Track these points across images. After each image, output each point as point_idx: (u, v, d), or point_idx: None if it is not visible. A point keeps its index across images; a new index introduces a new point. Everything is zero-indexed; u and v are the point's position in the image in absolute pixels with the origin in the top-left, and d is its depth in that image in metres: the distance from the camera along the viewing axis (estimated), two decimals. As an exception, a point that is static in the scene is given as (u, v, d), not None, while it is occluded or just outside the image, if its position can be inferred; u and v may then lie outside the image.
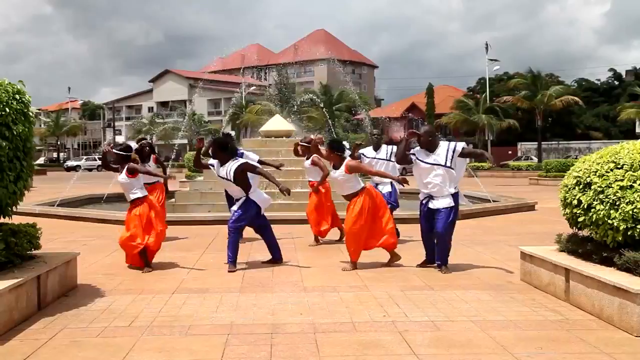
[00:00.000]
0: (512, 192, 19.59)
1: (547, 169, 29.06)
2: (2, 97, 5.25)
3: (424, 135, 7.20)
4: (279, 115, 18.50)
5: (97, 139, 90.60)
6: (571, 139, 56.92)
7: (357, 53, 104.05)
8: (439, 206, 7.09)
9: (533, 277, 6.40)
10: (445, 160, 7.08)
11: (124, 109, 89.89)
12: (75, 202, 16.67)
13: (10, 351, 4.42)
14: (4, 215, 5.59)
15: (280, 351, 4.39)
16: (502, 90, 56.85)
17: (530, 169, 38.59)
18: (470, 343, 4.54)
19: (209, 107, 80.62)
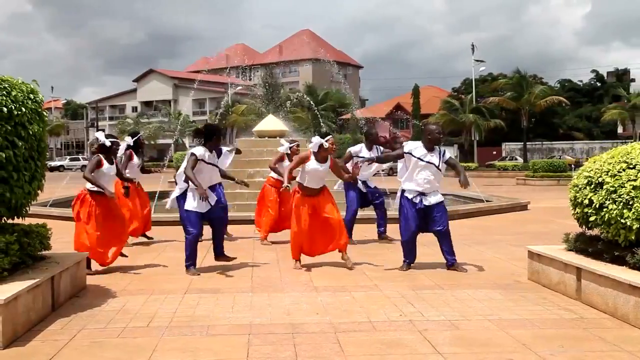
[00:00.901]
0: (501, 193, 19.76)
1: (534, 169, 29.32)
2: (17, 97, 5.21)
3: (437, 131, 7.40)
4: (272, 115, 18.48)
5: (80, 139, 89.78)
6: (554, 139, 57.47)
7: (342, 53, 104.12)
8: (434, 201, 7.28)
9: (541, 276, 6.48)
10: (438, 162, 7.30)
11: (108, 108, 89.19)
12: (67, 203, 16.49)
13: (33, 352, 4.40)
14: (19, 216, 5.54)
15: (304, 351, 4.41)
16: (486, 90, 57.28)
17: (517, 169, 38.94)
18: (491, 342, 4.59)
19: (193, 107, 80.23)
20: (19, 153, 5.18)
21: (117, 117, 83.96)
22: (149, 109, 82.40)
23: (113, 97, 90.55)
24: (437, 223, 7.28)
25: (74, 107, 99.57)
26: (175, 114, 69.59)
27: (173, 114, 69.38)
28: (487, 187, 23.56)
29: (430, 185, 7.26)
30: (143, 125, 67.15)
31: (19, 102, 5.21)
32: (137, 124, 68.21)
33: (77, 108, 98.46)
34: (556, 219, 13.10)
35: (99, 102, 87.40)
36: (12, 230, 5.45)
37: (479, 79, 61.29)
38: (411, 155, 7.26)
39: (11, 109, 5.09)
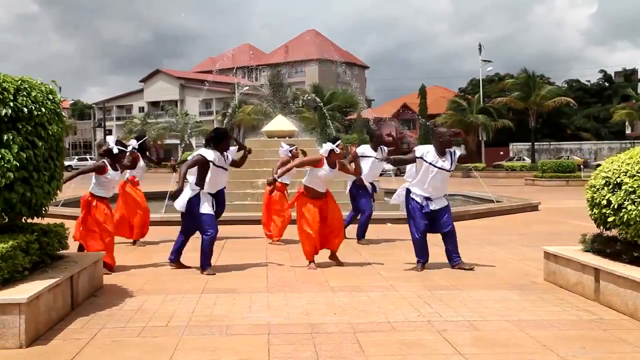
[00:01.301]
0: (511, 193, 19.71)
1: (542, 169, 29.23)
2: (37, 97, 5.24)
3: (449, 135, 7.36)
4: (282, 116, 18.50)
5: (88, 139, 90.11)
6: (561, 139, 57.32)
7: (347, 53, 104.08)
8: (438, 207, 7.34)
9: (558, 276, 6.47)
10: (450, 166, 7.31)
11: (114, 108, 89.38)
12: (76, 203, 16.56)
13: (56, 351, 4.42)
14: (38, 215, 5.57)
15: (325, 351, 4.41)
16: (493, 91, 57.15)
17: (525, 169, 38.83)
18: (511, 343, 4.58)
19: (200, 108, 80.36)
20: (39, 153, 5.21)
21: (124, 118, 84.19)
22: (156, 109, 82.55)
23: (120, 98, 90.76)
24: (443, 225, 7.35)
25: (81, 108, 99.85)
26: (182, 114, 69.70)
27: (180, 114, 69.50)
28: (496, 188, 23.49)
29: (438, 191, 7.32)
30: (150, 125, 67.33)
31: (38, 102, 5.24)
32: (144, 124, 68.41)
33: (84, 108, 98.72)
34: (567, 220, 13.09)
35: (106, 102, 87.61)
36: (31, 229, 5.48)
37: (485, 79, 61.18)
38: (423, 160, 7.26)
39: (31, 109, 5.12)
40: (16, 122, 5.03)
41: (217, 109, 75.35)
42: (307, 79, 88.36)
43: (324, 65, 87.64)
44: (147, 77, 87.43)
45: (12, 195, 4.97)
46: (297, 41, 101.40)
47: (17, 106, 5.01)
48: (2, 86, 4.95)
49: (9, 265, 4.75)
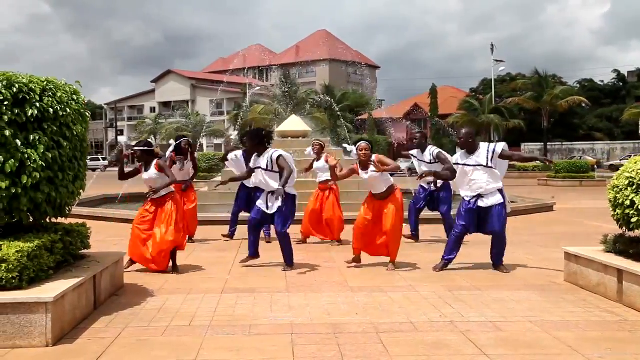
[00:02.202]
0: (524, 193, 19.60)
1: (556, 169, 29.05)
2: (62, 98, 5.28)
3: (465, 137, 7.29)
4: (295, 116, 18.53)
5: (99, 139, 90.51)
6: (573, 140, 57.00)
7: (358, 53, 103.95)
8: (490, 204, 7.21)
9: (579, 277, 6.43)
10: (486, 161, 7.19)
11: (126, 109, 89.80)
12: (91, 202, 16.67)
13: (82, 349, 4.45)
14: (62, 215, 5.61)
15: (349, 351, 4.42)
16: (505, 91, 56.93)
17: (537, 169, 38.60)
18: (537, 344, 4.57)
19: (211, 108, 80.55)
20: (64, 153, 5.25)
21: (136, 118, 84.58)
22: (167, 110, 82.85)
23: (131, 98, 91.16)
24: (490, 224, 7.24)
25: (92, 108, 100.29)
26: (194, 114, 69.88)
27: (191, 115, 69.69)
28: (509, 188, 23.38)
29: (483, 188, 7.20)
30: (162, 125, 67.59)
31: (63, 103, 5.28)
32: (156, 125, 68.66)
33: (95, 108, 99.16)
34: (583, 220, 13.03)
35: (118, 102, 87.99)
36: (55, 229, 5.52)
37: (497, 79, 60.92)
38: (459, 165, 7.30)
39: (57, 109, 5.16)
40: (42, 123, 5.07)
41: (228, 109, 75.45)
42: (318, 79, 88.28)
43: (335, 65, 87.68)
44: (158, 78, 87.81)
45: (38, 195, 5.01)
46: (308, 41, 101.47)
47: (43, 107, 5.05)
48: (29, 87, 4.99)
49: (35, 264, 4.79)
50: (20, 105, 4.91)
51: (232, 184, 13.40)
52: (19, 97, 4.90)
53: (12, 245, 4.69)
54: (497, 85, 58.37)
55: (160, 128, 67.23)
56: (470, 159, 7.26)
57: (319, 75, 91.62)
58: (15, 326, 4.45)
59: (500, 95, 56.47)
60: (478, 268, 7.48)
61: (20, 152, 4.82)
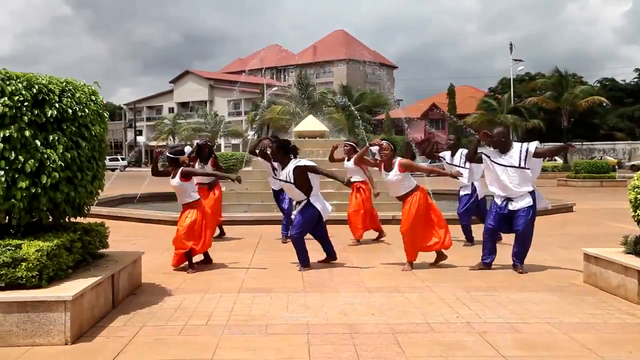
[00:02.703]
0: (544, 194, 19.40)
1: (576, 170, 28.74)
2: (81, 99, 5.33)
3: (497, 136, 7.20)
4: (312, 116, 18.53)
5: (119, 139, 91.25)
6: (594, 139, 56.37)
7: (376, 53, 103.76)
8: (519, 207, 7.15)
9: (599, 279, 6.36)
10: (519, 162, 7.09)
11: (145, 109, 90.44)
12: (110, 202, 16.82)
13: (100, 348, 4.49)
14: (81, 215, 5.67)
15: (365, 351, 4.41)
16: (524, 90, 56.45)
17: (557, 169, 38.26)
18: (554, 345, 4.53)
19: (229, 108, 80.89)
20: (83, 153, 5.31)
21: (154, 118, 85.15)
22: (185, 110, 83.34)
23: (150, 98, 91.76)
24: (516, 224, 7.19)
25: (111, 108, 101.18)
26: (212, 114, 70.21)
27: (209, 115, 70.04)
28: (528, 188, 23.23)
29: (514, 189, 7.12)
30: (180, 126, 68.01)
31: (82, 103, 5.33)
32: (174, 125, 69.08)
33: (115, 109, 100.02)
34: (604, 221, 12.88)
35: (137, 103, 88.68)
36: (74, 228, 5.58)
37: (516, 78, 60.43)
38: (489, 159, 7.21)
39: (75, 110, 5.21)
40: (61, 123, 5.13)
41: (245, 110, 75.71)
42: (335, 79, 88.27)
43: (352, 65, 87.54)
44: (176, 78, 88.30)
45: (57, 194, 5.07)
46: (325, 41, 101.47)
47: (62, 107, 5.11)
48: (48, 88, 5.05)
49: (54, 263, 4.85)
50: (40, 106, 4.97)
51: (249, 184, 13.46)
52: (39, 98, 4.96)
53: (32, 244, 4.75)
54: (516, 85, 57.90)
55: (179, 128, 67.64)
56: (502, 158, 7.15)
57: (336, 75, 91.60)
58: (35, 324, 4.50)
59: (520, 94, 56.01)
60: (496, 269, 7.43)
61: (39, 152, 4.89)
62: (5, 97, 4.75)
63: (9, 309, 4.47)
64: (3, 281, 4.56)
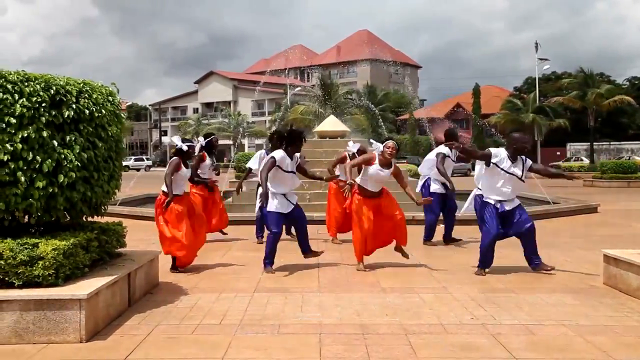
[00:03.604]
0: (568, 194, 19.18)
1: (602, 170, 28.29)
2: (98, 99, 5.41)
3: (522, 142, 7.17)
4: (333, 116, 18.54)
5: (144, 140, 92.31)
6: (622, 139, 55.40)
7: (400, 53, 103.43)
8: (512, 206, 7.16)
9: (619, 281, 6.27)
10: (521, 174, 7.12)
11: (170, 110, 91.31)
12: (133, 202, 17.02)
13: (114, 346, 4.55)
14: (98, 214, 5.74)
15: (376, 352, 4.40)
16: (550, 90, 55.76)
17: (583, 170, 37.72)
18: (569, 348, 4.47)
19: (253, 108, 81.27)
20: (99, 153, 5.38)
21: (179, 118, 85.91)
22: (210, 110, 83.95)
23: (175, 99, 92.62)
24: (521, 224, 7.11)
25: (138, 109, 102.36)
26: (235, 115, 70.59)
27: (233, 115, 70.43)
28: (553, 189, 22.89)
29: (510, 194, 7.16)
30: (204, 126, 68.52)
31: (99, 104, 5.41)
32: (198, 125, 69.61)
33: (140, 109, 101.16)
34: (630, 222, 12.68)
35: (162, 103, 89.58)
36: (91, 227, 5.66)
37: (542, 77, 59.74)
38: (496, 165, 7.12)
39: (92, 111, 5.29)
40: (78, 124, 5.20)
41: (269, 110, 76.02)
42: (359, 79, 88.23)
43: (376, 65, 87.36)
44: (201, 79, 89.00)
45: (74, 194, 5.14)
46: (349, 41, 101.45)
47: (80, 108, 5.18)
48: (66, 89, 5.13)
49: (71, 262, 4.92)
50: (58, 106, 5.05)
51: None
52: (56, 99, 5.04)
53: (49, 243, 4.82)
54: (542, 84, 57.24)
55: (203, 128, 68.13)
56: (510, 167, 7.09)
57: (360, 75, 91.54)
58: (51, 322, 4.58)
59: (545, 94, 55.33)
60: (513, 271, 7.35)
61: (57, 153, 4.96)
62: (24, 98, 4.83)
63: (25, 307, 4.55)
64: (20, 279, 4.65)
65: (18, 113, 4.78)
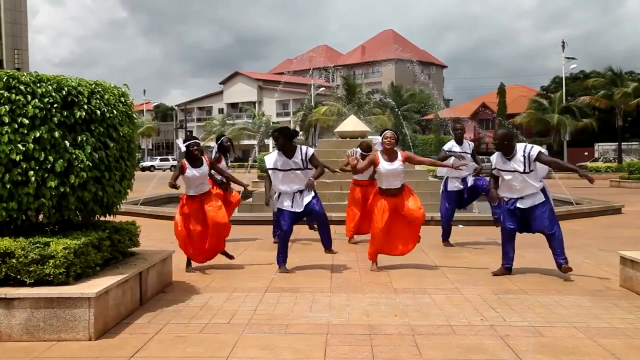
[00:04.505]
0: (593, 195, 18.89)
1: (629, 170, 27.78)
2: (110, 100, 5.48)
3: (499, 139, 7.01)
4: (354, 116, 18.52)
5: (170, 140, 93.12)
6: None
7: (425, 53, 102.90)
8: (530, 204, 6.97)
9: (635, 283, 6.16)
10: (523, 167, 6.93)
11: (195, 110, 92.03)
12: (156, 202, 17.20)
13: (122, 344, 4.60)
14: (110, 213, 5.82)
15: (381, 352, 4.39)
16: (578, 89, 54.96)
17: (610, 170, 37.09)
18: (578, 350, 4.40)
19: (277, 109, 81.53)
20: (111, 154, 5.45)
21: (205, 119, 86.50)
22: (235, 111, 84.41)
23: (200, 99, 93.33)
24: (541, 222, 6.97)
25: (164, 110, 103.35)
26: (260, 115, 70.90)
27: (257, 115, 70.74)
28: (578, 190, 22.51)
29: (522, 190, 6.98)
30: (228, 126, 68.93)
31: (111, 105, 5.48)
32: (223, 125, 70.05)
33: (167, 110, 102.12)
34: (655, 224, 12.43)
35: (187, 104, 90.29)
36: (104, 227, 5.74)
37: (570, 77, 58.90)
38: (497, 169, 7.10)
39: (104, 111, 5.36)
40: (90, 124, 5.28)
41: (293, 110, 76.18)
42: (384, 79, 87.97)
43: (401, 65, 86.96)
44: (226, 79, 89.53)
45: (85, 194, 5.21)
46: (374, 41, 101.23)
47: (91, 108, 5.25)
48: (77, 90, 5.20)
49: (82, 261, 4.99)
50: (69, 107, 5.13)
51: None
52: (68, 100, 5.11)
53: (60, 242, 4.89)
54: (569, 84, 56.44)
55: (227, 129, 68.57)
56: (506, 164, 7.00)
57: (385, 75, 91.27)
58: (61, 320, 4.65)
59: (573, 93, 54.57)
60: (529, 272, 7.27)
61: (68, 153, 5.04)
62: (36, 99, 4.92)
63: (36, 305, 4.63)
64: (32, 277, 4.73)
65: (31, 114, 4.87)
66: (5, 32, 39.80)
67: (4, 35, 39.57)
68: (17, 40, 40.59)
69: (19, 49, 40.63)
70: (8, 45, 40.07)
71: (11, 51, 40.03)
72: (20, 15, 41.24)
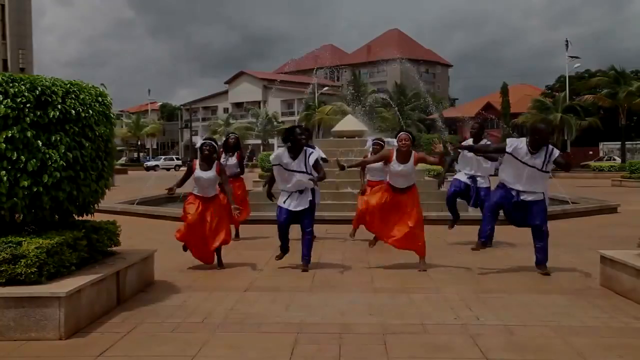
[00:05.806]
0: (593, 194, 18.82)
1: (631, 169, 27.65)
2: (86, 100, 5.49)
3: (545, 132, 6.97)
4: (351, 116, 18.51)
5: (175, 139, 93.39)
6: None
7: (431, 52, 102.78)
8: (531, 198, 6.96)
9: (614, 282, 6.13)
10: (542, 165, 6.87)
11: (201, 110, 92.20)
12: (154, 201, 17.21)
13: (91, 343, 4.62)
14: (87, 213, 5.84)
15: (348, 352, 4.39)
16: (583, 88, 54.71)
17: (613, 169, 36.91)
18: (545, 349, 4.40)
19: (282, 108, 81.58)
20: (86, 153, 5.46)
21: (210, 118, 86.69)
22: (240, 110, 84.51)
23: (206, 99, 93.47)
24: (534, 217, 6.97)
25: (170, 109, 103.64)
26: (263, 114, 70.99)
27: (261, 115, 70.83)
28: (579, 189, 22.44)
29: (531, 185, 6.94)
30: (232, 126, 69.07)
31: (87, 104, 5.49)
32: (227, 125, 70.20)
33: (173, 110, 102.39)
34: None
35: (193, 104, 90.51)
36: (81, 226, 5.75)
37: (575, 76, 58.60)
38: (512, 156, 6.96)
39: (79, 111, 5.37)
40: (64, 124, 5.28)
41: (298, 110, 76.18)
42: (389, 78, 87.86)
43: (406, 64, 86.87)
44: (231, 79, 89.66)
45: (60, 193, 5.23)
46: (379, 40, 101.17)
47: (65, 108, 5.26)
48: (51, 89, 5.21)
49: (55, 260, 5.00)
50: (43, 107, 5.14)
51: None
52: (42, 100, 5.13)
53: (33, 241, 4.91)
54: (574, 83, 56.15)
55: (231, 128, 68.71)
56: (529, 156, 6.86)
57: (390, 74, 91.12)
58: (31, 319, 4.66)
59: (578, 92, 54.31)
60: (513, 271, 7.25)
61: (41, 152, 5.05)
62: (8, 98, 4.94)
63: (6, 305, 4.64)
64: (3, 277, 4.74)
65: (2, 113, 4.88)
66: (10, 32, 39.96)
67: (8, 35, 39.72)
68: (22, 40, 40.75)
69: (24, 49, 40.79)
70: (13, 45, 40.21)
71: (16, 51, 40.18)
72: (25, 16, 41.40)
